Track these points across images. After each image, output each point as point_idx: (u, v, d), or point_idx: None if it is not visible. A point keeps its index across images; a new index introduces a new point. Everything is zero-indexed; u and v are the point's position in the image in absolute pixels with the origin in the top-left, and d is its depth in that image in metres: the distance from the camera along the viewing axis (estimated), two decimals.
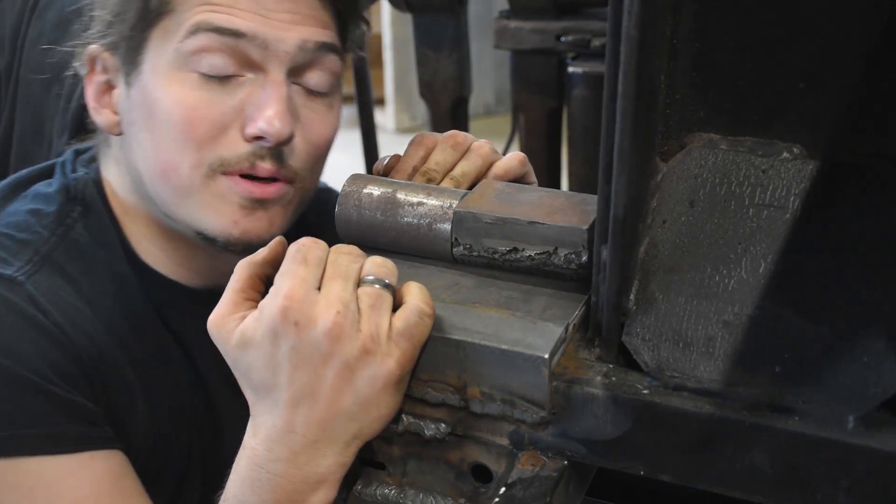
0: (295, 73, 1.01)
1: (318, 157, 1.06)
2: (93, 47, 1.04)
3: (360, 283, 0.77)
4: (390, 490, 0.81)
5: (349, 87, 2.67)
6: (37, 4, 1.66)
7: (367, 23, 1.10)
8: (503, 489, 0.73)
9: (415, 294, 0.76)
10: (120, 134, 1.06)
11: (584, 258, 0.80)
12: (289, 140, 0.99)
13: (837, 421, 0.64)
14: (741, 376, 0.67)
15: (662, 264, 0.73)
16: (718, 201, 0.73)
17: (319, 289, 0.75)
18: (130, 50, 1.01)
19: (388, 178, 0.95)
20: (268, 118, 0.97)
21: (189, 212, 1.02)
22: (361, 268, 0.77)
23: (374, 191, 0.89)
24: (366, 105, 2.57)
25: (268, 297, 0.76)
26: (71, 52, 1.10)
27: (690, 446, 0.69)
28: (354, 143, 2.95)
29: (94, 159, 1.13)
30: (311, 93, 1.03)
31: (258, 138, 0.98)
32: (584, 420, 0.72)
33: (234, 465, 0.80)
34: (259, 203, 1.01)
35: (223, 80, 0.98)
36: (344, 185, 0.91)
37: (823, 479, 0.65)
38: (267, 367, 0.75)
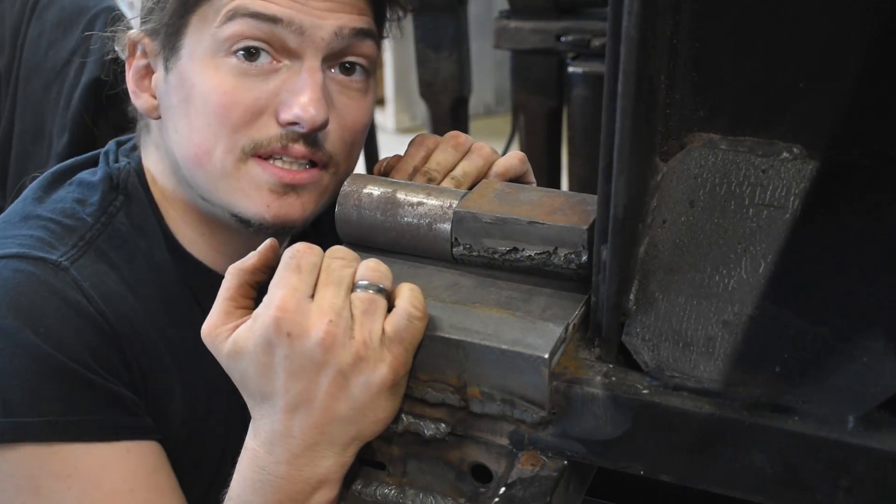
0: (331, 59, 1.01)
1: (354, 142, 1.05)
2: (133, 32, 1.06)
3: (354, 287, 0.77)
4: (390, 490, 0.81)
5: None
6: (37, 4, 1.66)
7: (404, 8, 1.10)
8: (503, 489, 0.73)
9: (404, 297, 0.76)
10: (158, 118, 1.06)
11: (584, 258, 0.80)
12: (323, 126, 0.99)
13: (837, 421, 0.64)
14: (741, 376, 0.67)
15: (662, 264, 0.73)
16: (718, 201, 0.73)
17: (314, 295, 0.76)
18: (170, 35, 1.02)
19: (388, 178, 0.95)
20: (302, 104, 0.97)
21: (222, 195, 1.02)
22: (355, 272, 0.78)
23: (374, 191, 0.89)
24: None
25: (261, 306, 0.76)
26: (71, 53, 1.10)
27: (690, 446, 0.69)
28: None
29: (135, 148, 1.14)
30: (347, 78, 1.03)
31: (292, 123, 0.98)
32: (583, 420, 0.72)
33: (237, 466, 0.81)
34: (290, 188, 1.01)
35: (259, 66, 0.98)
36: (344, 185, 0.92)
37: (823, 479, 0.65)
38: (261, 375, 0.76)
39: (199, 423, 1.08)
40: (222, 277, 1.10)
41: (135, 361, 1.00)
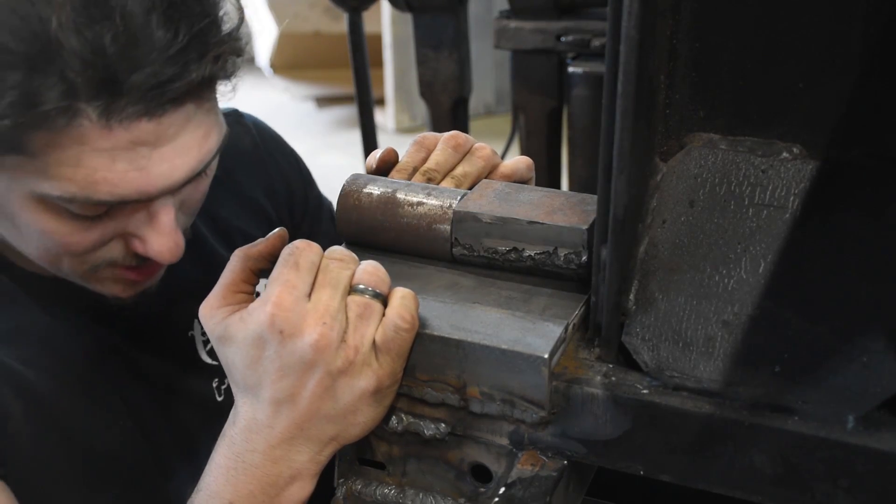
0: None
1: (200, 205, 0.98)
2: None
3: (351, 290, 0.77)
4: (390, 490, 0.81)
5: (349, 87, 2.68)
6: None
7: (240, 53, 0.92)
8: (503, 489, 0.73)
9: (393, 307, 0.76)
10: None
11: (584, 258, 0.80)
12: (172, 260, 0.91)
13: (837, 421, 0.64)
14: (741, 376, 0.67)
15: (662, 264, 0.73)
16: (718, 201, 0.73)
17: (310, 295, 0.76)
18: None
19: (388, 178, 0.95)
20: (158, 254, 0.89)
21: (76, 279, 0.95)
22: (353, 274, 0.78)
23: (374, 191, 0.89)
24: (366, 105, 2.57)
25: (257, 301, 0.77)
26: None
27: (690, 446, 0.69)
28: (354, 143, 2.95)
29: None
30: (197, 179, 0.92)
31: (147, 258, 0.91)
32: (583, 420, 0.72)
33: (213, 453, 0.81)
34: (139, 285, 0.97)
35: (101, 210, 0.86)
36: (344, 185, 0.91)
37: (823, 478, 0.65)
38: (249, 367, 0.77)
39: (62, 431, 0.97)
40: (64, 282, 0.98)
41: None
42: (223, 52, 0.84)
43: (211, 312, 0.79)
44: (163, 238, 0.89)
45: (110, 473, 1.02)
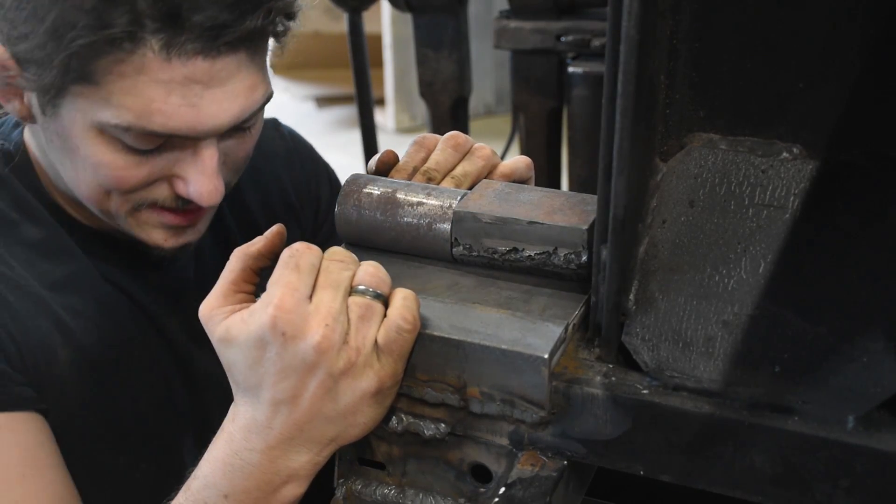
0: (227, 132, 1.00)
1: (242, 167, 1.07)
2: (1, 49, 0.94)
3: (352, 291, 0.77)
4: (390, 490, 0.81)
5: (349, 88, 2.68)
6: None
7: (292, 15, 1.02)
8: (503, 489, 0.73)
9: (395, 307, 0.76)
10: (34, 122, 1.00)
11: (584, 258, 0.80)
12: (212, 205, 1.00)
13: (837, 421, 0.64)
14: (741, 376, 0.67)
15: (662, 264, 0.73)
16: (718, 201, 0.73)
17: (311, 296, 0.76)
18: (45, 90, 0.93)
19: (388, 178, 0.95)
20: (198, 193, 0.98)
21: (120, 225, 1.03)
22: (354, 275, 0.78)
23: (374, 191, 0.89)
24: (366, 105, 2.58)
25: (259, 302, 0.76)
26: None
27: (690, 446, 0.69)
28: (354, 143, 2.95)
29: (12, 130, 1.09)
30: (242, 133, 1.02)
31: (189, 202, 0.99)
32: (583, 420, 0.72)
33: (210, 446, 0.81)
34: (181, 230, 1.03)
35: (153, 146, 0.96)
36: (344, 185, 0.91)
37: (823, 479, 0.65)
38: (250, 367, 0.77)
39: (101, 387, 1.06)
40: (123, 241, 1.09)
41: (2, 326, 0.98)
42: (275, 8, 0.95)
43: (211, 312, 0.79)
44: (204, 178, 0.97)
45: (136, 434, 1.09)
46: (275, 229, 0.82)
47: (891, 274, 0.67)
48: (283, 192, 1.32)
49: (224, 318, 0.78)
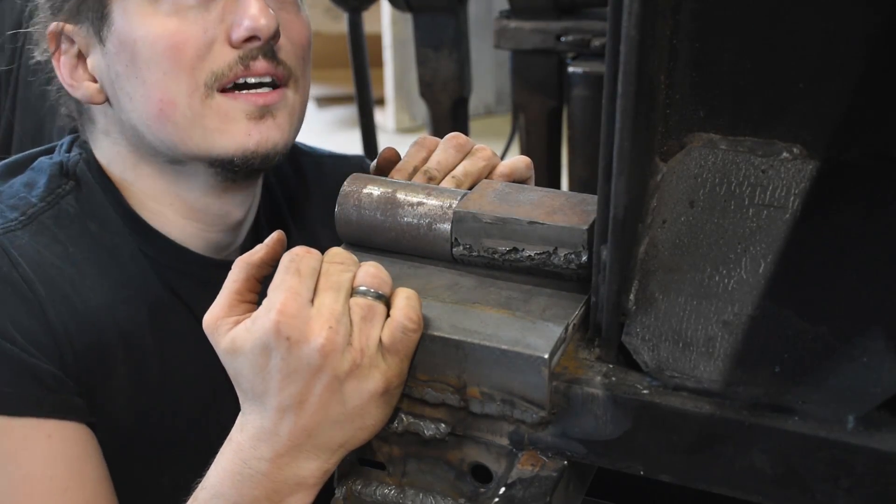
0: None
1: (305, 57, 1.06)
2: (54, 25, 1.03)
3: (353, 292, 0.77)
4: (390, 490, 0.81)
5: (349, 88, 2.68)
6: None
7: None
8: (503, 489, 0.73)
9: (399, 308, 0.76)
10: (105, 101, 1.05)
11: (584, 258, 0.80)
12: (277, 35, 1.00)
13: (837, 421, 0.64)
14: (741, 376, 0.67)
15: (662, 264, 0.73)
16: (718, 201, 0.73)
17: (313, 300, 0.76)
18: (94, 8, 1.00)
19: (388, 178, 0.95)
20: (252, 16, 0.97)
21: (199, 142, 1.01)
22: (354, 277, 0.77)
23: (374, 191, 0.89)
24: (366, 105, 2.58)
25: (261, 309, 0.76)
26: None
27: (690, 446, 0.69)
28: (354, 143, 2.95)
29: (87, 142, 1.12)
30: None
31: (248, 41, 0.98)
32: (583, 420, 0.72)
33: (218, 456, 0.81)
34: (265, 110, 1.01)
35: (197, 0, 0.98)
36: (344, 185, 0.91)
37: (823, 479, 0.65)
38: (256, 375, 0.76)
39: (154, 403, 1.06)
40: (196, 256, 1.10)
41: (64, 333, 0.97)
42: None
43: (216, 323, 0.79)
44: (252, 8, 0.97)
45: (181, 453, 1.08)
46: (275, 236, 0.82)
47: (891, 274, 0.67)
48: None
49: (229, 329, 0.78)
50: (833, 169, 0.72)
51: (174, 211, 1.09)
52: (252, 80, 1.00)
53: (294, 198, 1.27)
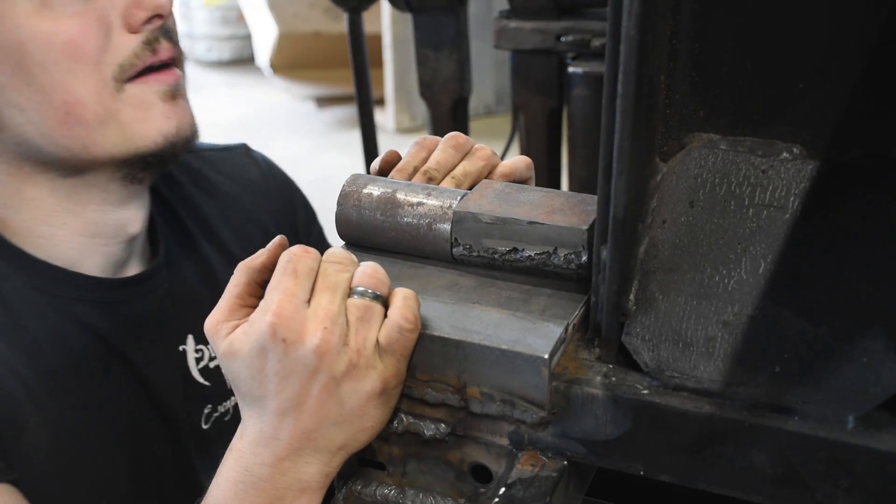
0: None
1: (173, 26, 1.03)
2: None
3: (350, 293, 0.77)
4: (390, 490, 0.81)
5: (349, 87, 2.68)
6: None
7: None
8: (503, 489, 0.73)
9: (396, 308, 0.76)
10: None
11: (584, 258, 0.80)
12: (171, 5, 0.95)
13: (837, 421, 0.64)
14: (741, 376, 0.67)
15: (662, 264, 0.73)
16: (718, 201, 0.73)
17: (310, 300, 0.76)
18: None
19: (388, 179, 0.95)
20: None
21: (115, 140, 0.96)
22: (352, 277, 0.77)
23: (374, 191, 0.89)
24: (366, 105, 2.57)
25: (257, 311, 0.76)
26: None
27: (690, 446, 0.69)
28: (354, 143, 2.95)
29: None
30: None
31: (150, 20, 0.94)
32: (583, 420, 0.72)
33: (220, 467, 0.81)
34: (176, 90, 0.98)
35: None
36: (344, 185, 0.91)
37: (823, 479, 0.65)
38: (254, 378, 0.76)
39: (77, 452, 1.01)
40: (91, 277, 1.04)
41: None
42: None
43: (217, 327, 0.79)
44: None
45: (112, 498, 1.04)
46: (277, 241, 0.82)
47: (891, 274, 0.67)
48: (260, 221, 1.28)
49: (228, 333, 0.78)
50: (833, 169, 0.72)
51: (68, 230, 1.03)
52: (157, 65, 0.96)
53: (187, 198, 1.22)
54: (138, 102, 0.95)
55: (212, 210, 1.24)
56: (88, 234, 1.05)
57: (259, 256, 0.81)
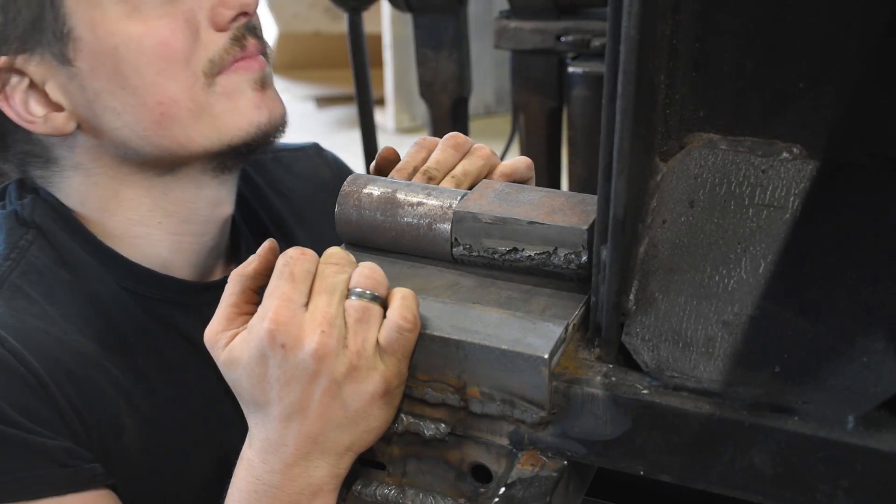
0: None
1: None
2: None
3: (348, 294, 0.76)
4: (390, 490, 0.81)
5: (349, 87, 2.67)
6: None
7: None
8: (503, 489, 0.73)
9: (394, 308, 0.75)
10: (77, 128, 0.98)
11: (584, 258, 0.80)
12: (256, 6, 0.97)
13: (837, 421, 0.64)
14: (741, 376, 0.67)
15: (662, 264, 0.73)
16: (718, 201, 0.73)
17: (308, 303, 0.76)
18: (50, 31, 0.93)
19: (388, 178, 0.95)
20: None
21: (209, 132, 0.97)
22: (350, 278, 0.77)
23: (374, 191, 0.89)
24: (366, 105, 2.57)
25: (255, 317, 0.76)
26: None
27: (690, 446, 0.69)
28: (354, 143, 2.94)
29: (36, 186, 1.05)
30: None
31: (237, 17, 0.96)
32: (583, 420, 0.72)
33: (233, 477, 0.81)
34: (264, 79, 0.99)
35: None
36: (344, 185, 0.91)
37: (823, 479, 0.65)
38: (256, 385, 0.76)
39: (167, 450, 1.02)
40: (180, 281, 1.07)
41: (66, 402, 0.93)
42: None
43: (216, 338, 0.79)
44: None
45: (199, 498, 1.05)
46: (267, 245, 0.81)
47: (891, 274, 0.67)
48: (332, 221, 1.31)
49: (227, 342, 0.78)
50: (833, 169, 0.72)
51: (162, 229, 1.05)
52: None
53: (264, 199, 1.24)
54: (229, 92, 0.97)
55: (287, 212, 1.25)
56: (182, 231, 1.07)
57: (250, 263, 0.81)
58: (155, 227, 1.05)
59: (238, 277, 0.81)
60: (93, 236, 1.03)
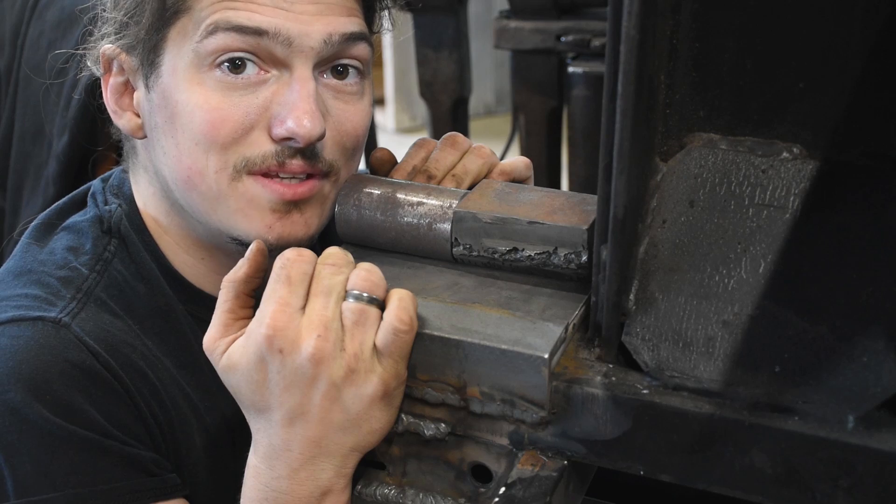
0: (322, 64, 0.94)
1: (355, 147, 0.99)
2: (108, 48, 0.98)
3: (346, 295, 0.76)
4: (390, 490, 0.81)
5: None
6: (37, 4, 1.66)
7: (395, 0, 1.04)
8: (503, 489, 0.73)
9: (391, 310, 0.75)
10: (144, 137, 1.00)
11: (584, 258, 0.80)
12: (320, 138, 0.92)
13: (837, 421, 0.64)
14: (741, 376, 0.67)
15: (662, 264, 0.72)
16: (718, 201, 0.73)
17: (305, 305, 0.75)
18: (148, 51, 0.95)
19: (388, 178, 0.95)
20: (296, 118, 0.90)
21: (220, 218, 0.96)
22: (347, 279, 0.77)
23: (374, 191, 0.89)
24: None
25: (253, 322, 0.76)
26: (71, 53, 1.07)
27: (690, 446, 0.69)
28: None
29: (122, 184, 1.07)
30: (341, 83, 0.96)
31: (287, 139, 0.92)
32: (583, 420, 0.72)
33: (243, 486, 0.81)
34: (293, 205, 0.94)
35: (246, 78, 0.92)
36: (344, 185, 0.91)
37: (823, 479, 0.65)
38: (255, 391, 0.77)
39: (226, 469, 1.03)
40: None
41: (151, 416, 0.95)
42: None
43: (214, 344, 0.79)
44: (300, 104, 0.91)
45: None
46: (254, 247, 0.81)
47: (891, 274, 0.67)
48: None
49: (226, 348, 0.78)
50: (833, 169, 0.72)
51: (206, 266, 1.04)
52: (284, 176, 0.94)
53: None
54: (248, 198, 0.95)
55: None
56: (226, 269, 1.05)
57: (240, 268, 0.81)
58: (199, 260, 1.05)
59: (230, 283, 0.80)
60: (161, 253, 1.04)
